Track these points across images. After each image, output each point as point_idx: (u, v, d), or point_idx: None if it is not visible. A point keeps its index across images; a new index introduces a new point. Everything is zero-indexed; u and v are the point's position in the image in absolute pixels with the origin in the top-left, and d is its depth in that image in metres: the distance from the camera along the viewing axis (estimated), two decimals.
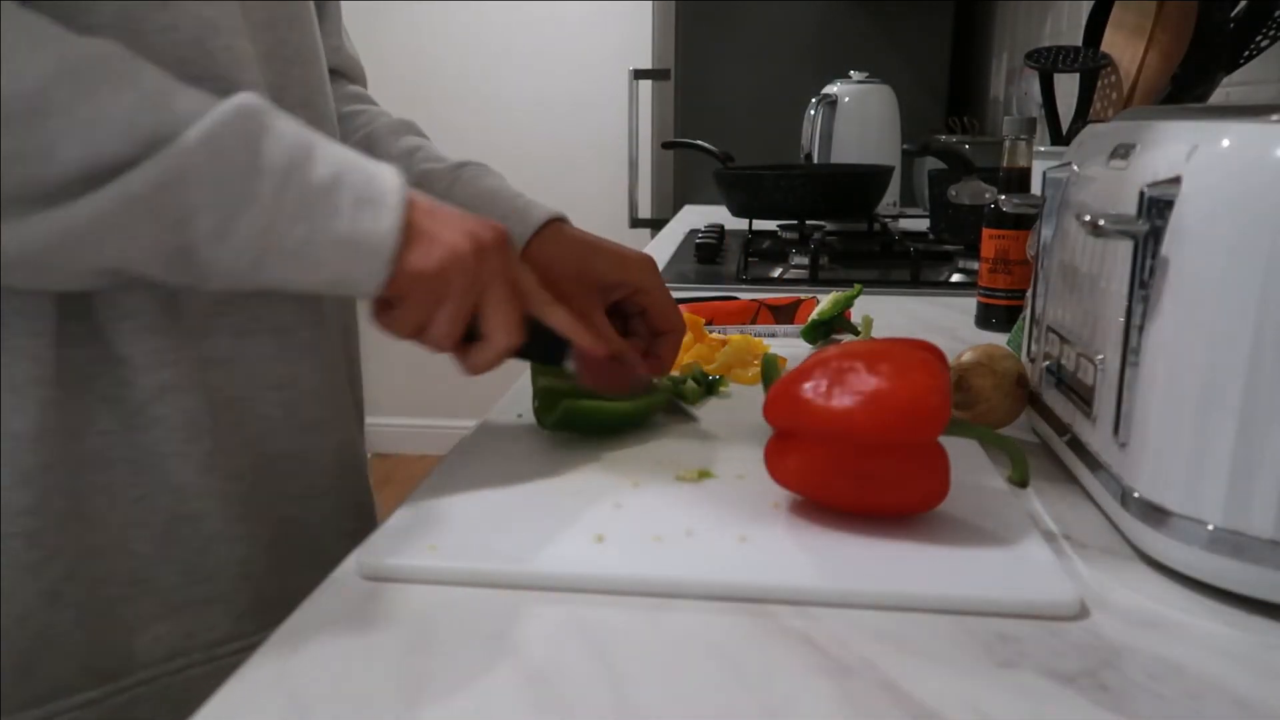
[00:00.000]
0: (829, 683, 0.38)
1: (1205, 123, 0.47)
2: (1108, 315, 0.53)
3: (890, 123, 2.00)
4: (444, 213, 0.54)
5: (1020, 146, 0.98)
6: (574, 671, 0.39)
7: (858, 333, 0.91)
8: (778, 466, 0.53)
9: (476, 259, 0.52)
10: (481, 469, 0.59)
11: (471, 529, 0.51)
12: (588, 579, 0.46)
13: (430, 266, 0.51)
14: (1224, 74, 1.07)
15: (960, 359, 0.66)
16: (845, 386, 0.50)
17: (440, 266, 0.51)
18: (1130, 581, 0.47)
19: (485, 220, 0.55)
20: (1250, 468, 0.43)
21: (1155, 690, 0.38)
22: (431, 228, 0.52)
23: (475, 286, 0.53)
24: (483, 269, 0.53)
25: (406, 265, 0.51)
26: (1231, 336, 0.43)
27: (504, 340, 0.55)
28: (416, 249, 0.51)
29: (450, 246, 0.52)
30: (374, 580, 0.46)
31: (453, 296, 0.53)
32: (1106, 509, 0.53)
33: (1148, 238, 0.47)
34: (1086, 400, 0.56)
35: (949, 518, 0.51)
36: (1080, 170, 0.62)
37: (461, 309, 0.53)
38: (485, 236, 0.53)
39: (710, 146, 1.81)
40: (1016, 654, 0.40)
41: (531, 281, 0.58)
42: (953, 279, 1.29)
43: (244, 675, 0.39)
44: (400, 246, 0.51)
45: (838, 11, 2.28)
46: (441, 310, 0.53)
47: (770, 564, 0.47)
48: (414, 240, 0.51)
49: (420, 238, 0.52)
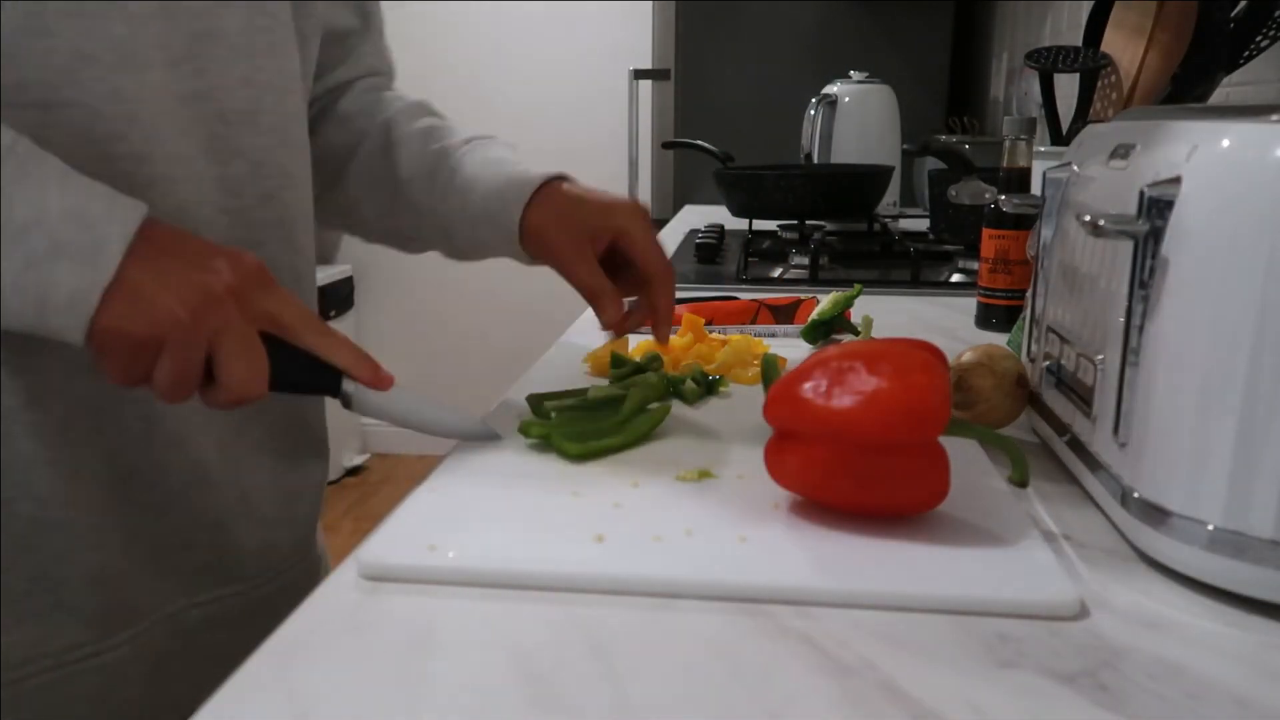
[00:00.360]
0: (829, 683, 0.38)
1: (1205, 123, 0.47)
2: (1108, 315, 0.53)
3: (890, 123, 2.00)
4: (170, 263, 0.50)
5: (1020, 146, 0.98)
6: (574, 671, 0.39)
7: (858, 333, 0.91)
8: (778, 466, 0.53)
9: (195, 313, 0.49)
10: (481, 469, 0.59)
11: (471, 529, 0.51)
12: (588, 579, 0.46)
13: (133, 328, 0.49)
14: (1224, 74, 1.07)
15: (960, 359, 0.66)
16: (845, 386, 0.50)
17: (145, 326, 0.49)
18: (1130, 581, 0.47)
19: (228, 260, 0.52)
20: (1250, 468, 0.43)
21: (1155, 690, 0.38)
22: (143, 284, 0.49)
23: (195, 342, 0.50)
24: (205, 323, 0.50)
25: (104, 323, 0.48)
26: (1231, 336, 0.43)
27: (241, 386, 0.52)
28: (118, 307, 0.48)
29: (160, 305, 0.49)
30: (374, 580, 0.46)
31: (170, 351, 0.50)
32: (1106, 509, 0.53)
33: (1148, 238, 0.47)
34: (1086, 400, 0.56)
35: (949, 518, 0.51)
36: (1080, 170, 0.62)
37: (183, 362, 0.50)
38: (214, 286, 0.50)
39: (710, 146, 1.81)
40: (1016, 654, 0.40)
41: (296, 313, 0.55)
42: (953, 279, 1.29)
43: (244, 675, 0.39)
44: (101, 305, 0.48)
45: (838, 11, 2.28)
46: (159, 367, 0.50)
47: (770, 564, 0.47)
48: (117, 295, 0.48)
49: (127, 294, 0.48)
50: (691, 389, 0.74)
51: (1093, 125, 0.66)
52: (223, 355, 0.51)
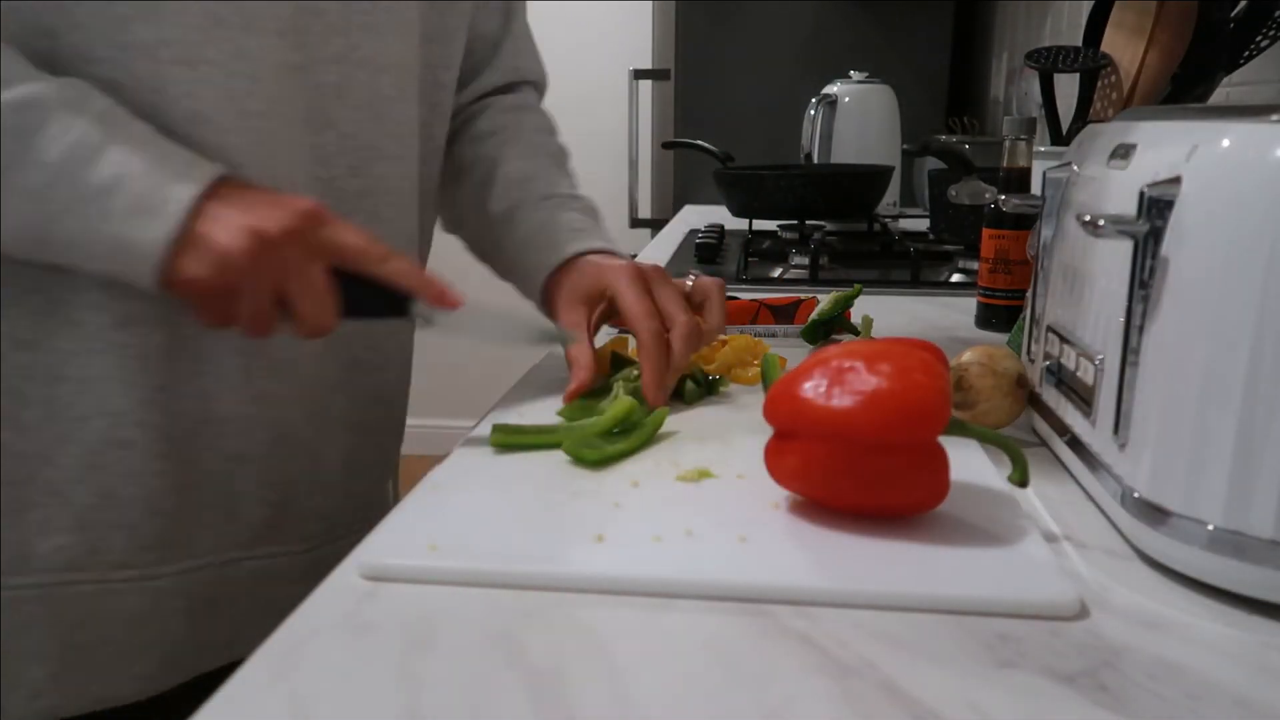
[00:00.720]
0: (829, 683, 0.38)
1: (1205, 123, 0.47)
2: (1108, 315, 0.53)
3: (890, 123, 2.00)
4: (238, 215, 0.55)
5: (1020, 146, 0.98)
6: (574, 671, 0.39)
7: (858, 333, 0.91)
8: (778, 466, 0.53)
9: (254, 258, 0.54)
10: (481, 469, 0.59)
11: (471, 529, 0.51)
12: (588, 579, 0.46)
13: (202, 274, 0.54)
14: (1224, 74, 1.07)
15: (960, 359, 0.66)
16: (845, 386, 0.50)
17: (212, 273, 0.54)
18: (1130, 581, 0.47)
19: (285, 207, 0.56)
20: (1250, 468, 0.43)
21: (1155, 690, 0.38)
22: (211, 233, 0.54)
23: (261, 283, 0.55)
24: (266, 265, 0.55)
25: (179, 273, 0.54)
26: (1231, 336, 0.43)
27: (314, 320, 0.57)
28: (189, 257, 0.54)
29: (224, 252, 0.54)
30: (374, 580, 0.46)
31: (242, 294, 0.55)
32: (1106, 509, 0.53)
33: (1148, 238, 0.47)
34: (1086, 400, 0.56)
35: (949, 518, 0.51)
36: (1080, 170, 0.62)
37: (255, 302, 0.56)
38: (270, 230, 0.55)
39: (710, 146, 1.81)
40: (1016, 654, 0.40)
41: (357, 244, 0.59)
42: (953, 279, 1.29)
43: (244, 675, 0.39)
44: (170, 255, 0.53)
45: (838, 11, 2.28)
46: (236, 306, 0.56)
47: (770, 564, 0.47)
48: (189, 248, 0.54)
49: (195, 246, 0.54)
50: (691, 389, 0.74)
51: (1093, 125, 0.66)
52: (290, 294, 0.56)
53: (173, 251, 0.53)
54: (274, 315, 0.57)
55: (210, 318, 0.57)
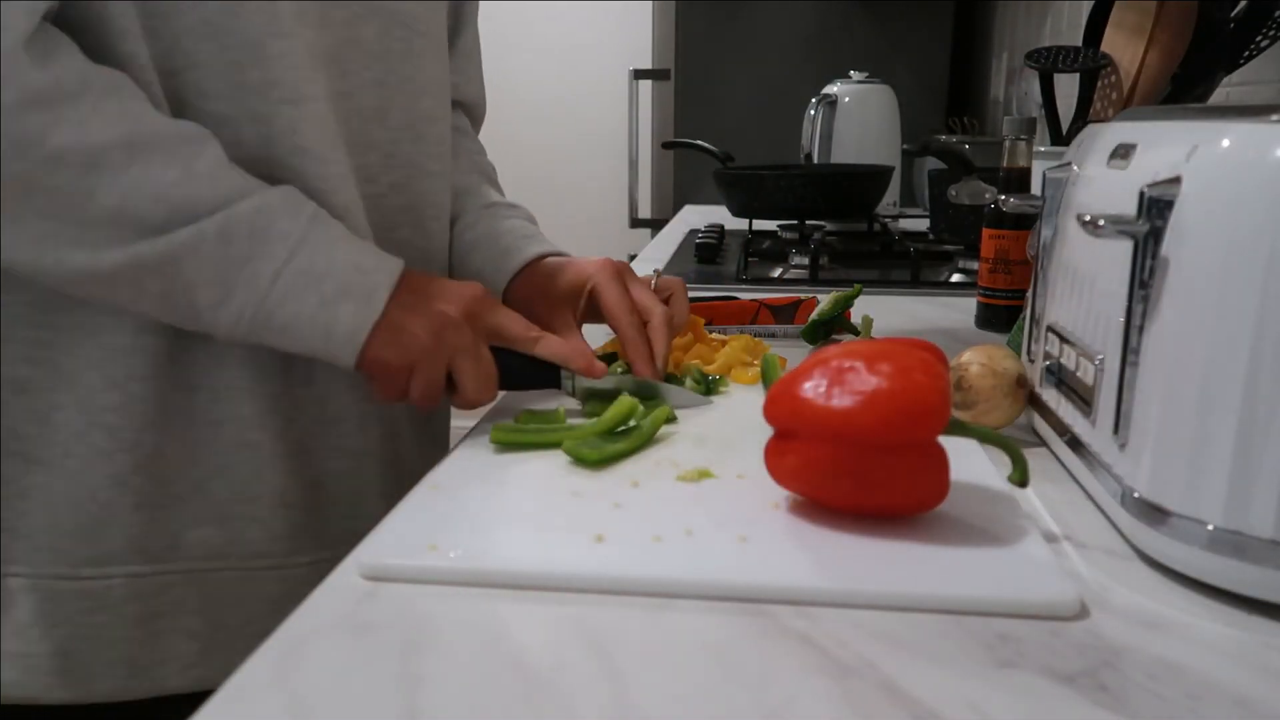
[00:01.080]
0: (829, 683, 0.38)
1: (1205, 123, 0.47)
2: (1108, 315, 0.53)
3: (890, 123, 2.00)
4: (422, 301, 0.63)
5: (1020, 146, 0.98)
6: (574, 671, 0.39)
7: (858, 333, 0.91)
8: (778, 466, 0.53)
9: (437, 339, 0.62)
10: (481, 469, 0.59)
11: (471, 529, 0.51)
12: (588, 579, 0.46)
13: (391, 357, 0.62)
14: (1224, 74, 1.07)
15: (960, 359, 0.66)
16: (845, 386, 0.50)
17: (400, 355, 0.62)
18: (1130, 581, 0.47)
19: (461, 294, 0.65)
20: (1250, 468, 0.43)
21: (1155, 690, 0.38)
22: (401, 319, 0.62)
23: (438, 361, 0.63)
24: (444, 346, 0.63)
25: (371, 353, 0.61)
26: (1231, 336, 0.43)
27: (474, 395, 0.65)
28: (381, 339, 0.61)
29: (411, 336, 0.62)
30: (374, 580, 0.46)
31: (419, 371, 0.63)
32: (1106, 509, 0.53)
33: (1148, 238, 0.47)
34: (1086, 400, 0.56)
35: (949, 518, 0.51)
36: (1080, 170, 0.62)
37: (429, 380, 0.63)
38: (451, 314, 0.63)
39: (710, 146, 1.81)
40: (1016, 654, 0.40)
41: (517, 326, 0.68)
42: (953, 279, 1.29)
43: (244, 675, 0.39)
44: (369, 338, 0.60)
45: (838, 11, 2.28)
46: (413, 383, 0.63)
47: (770, 564, 0.47)
48: (381, 330, 0.61)
49: (388, 329, 0.61)
50: (691, 389, 0.74)
51: (1093, 125, 0.66)
52: (459, 369, 0.64)
53: (368, 336, 0.60)
54: (442, 388, 0.64)
55: (387, 391, 0.64)
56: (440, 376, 0.64)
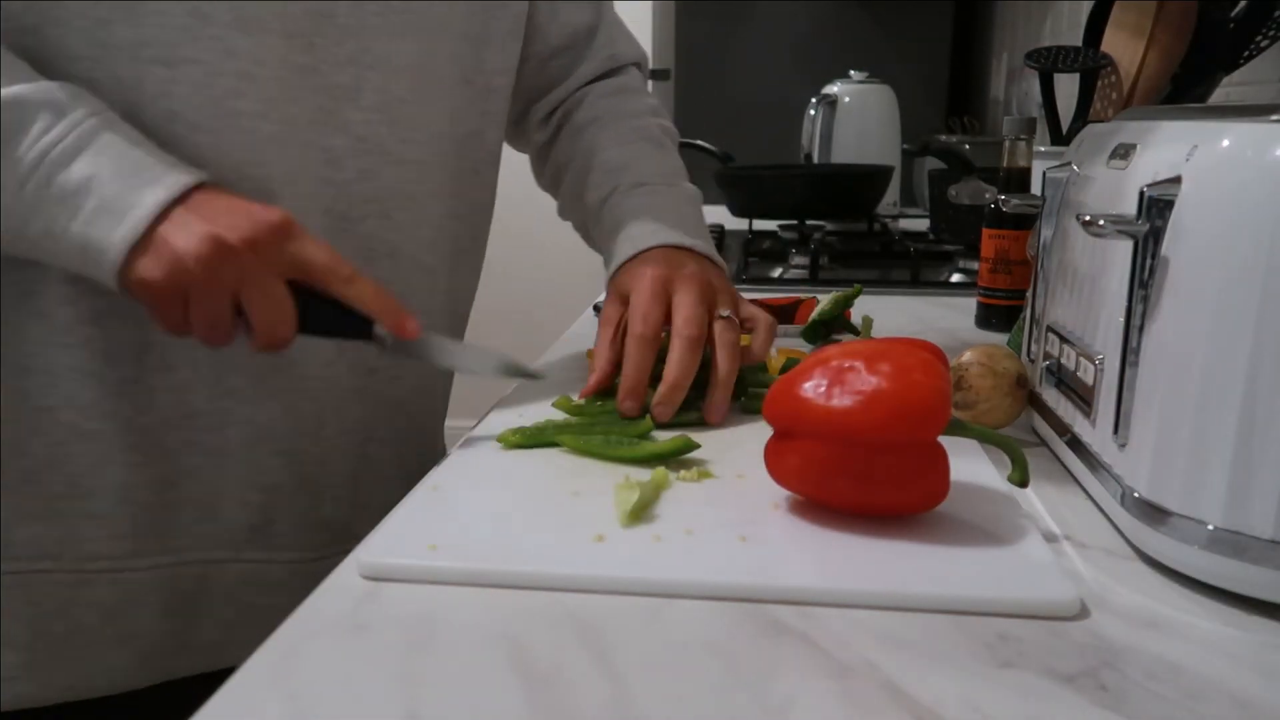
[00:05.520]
0: (829, 683, 0.38)
1: (1205, 123, 0.47)
2: (1108, 315, 0.53)
3: (890, 123, 2.00)
4: (195, 221, 0.55)
5: (1020, 146, 0.98)
6: (574, 671, 0.39)
7: (858, 333, 0.91)
8: (778, 466, 0.53)
9: (207, 266, 0.54)
10: (481, 469, 0.59)
11: (471, 529, 0.51)
12: (588, 579, 0.46)
13: (155, 275, 0.54)
14: (1224, 74, 1.07)
15: (960, 359, 0.66)
16: (845, 386, 0.49)
17: (165, 275, 0.54)
18: (1130, 581, 0.47)
19: (252, 217, 0.56)
20: (1250, 468, 0.43)
21: (1155, 690, 0.38)
22: (169, 237, 0.54)
23: (213, 290, 0.55)
24: (218, 273, 0.55)
25: (134, 274, 0.54)
26: (1231, 336, 0.43)
27: (268, 331, 0.57)
28: (146, 259, 0.54)
29: (178, 256, 0.54)
30: (374, 580, 0.46)
31: (193, 302, 0.55)
32: (1106, 509, 0.53)
33: (1148, 238, 0.47)
34: (1086, 400, 0.56)
35: (949, 518, 0.51)
36: (1080, 170, 0.62)
37: (207, 312, 0.56)
38: (228, 238, 0.55)
39: (710, 146, 1.81)
40: (1016, 654, 0.40)
41: (322, 261, 0.58)
42: (953, 279, 1.29)
43: (244, 675, 0.39)
44: (129, 257, 0.54)
45: (838, 11, 2.28)
46: (191, 314, 0.56)
47: (770, 564, 0.47)
48: (147, 250, 0.54)
49: (154, 248, 0.54)
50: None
51: (1093, 125, 0.66)
52: (245, 303, 0.56)
53: (132, 253, 0.54)
54: (232, 324, 0.57)
55: (165, 322, 0.57)
56: (220, 309, 0.56)
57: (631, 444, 0.61)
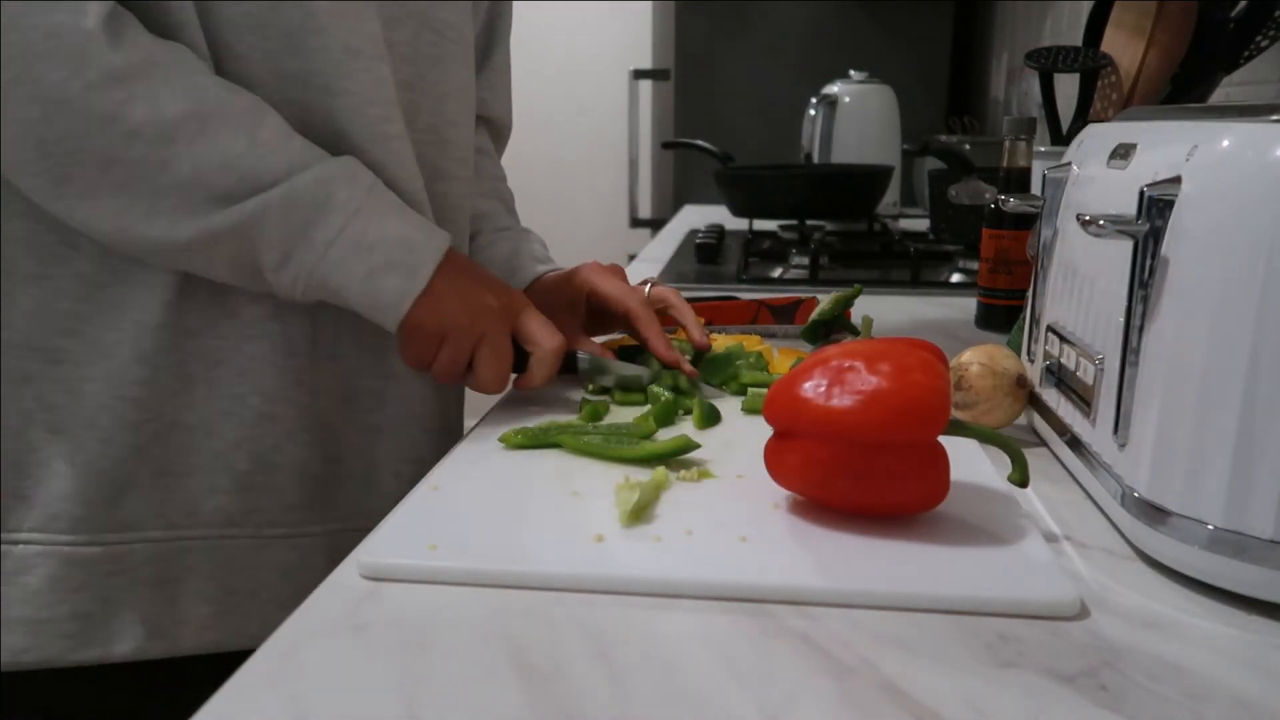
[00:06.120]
0: (829, 683, 0.38)
1: (1205, 123, 0.47)
2: (1108, 315, 0.53)
3: (890, 123, 2.00)
4: (467, 282, 0.67)
5: (1020, 146, 0.98)
6: (574, 671, 0.39)
7: (858, 333, 0.91)
8: (778, 466, 0.53)
9: (471, 318, 0.66)
10: (482, 469, 0.59)
11: (471, 529, 0.51)
12: (588, 579, 0.46)
13: (428, 322, 0.65)
14: (1224, 74, 1.07)
15: (960, 359, 0.66)
16: (845, 386, 0.49)
17: (437, 322, 0.65)
18: (1130, 581, 0.47)
19: (503, 287, 0.69)
20: (1250, 468, 0.43)
21: (1155, 690, 0.38)
22: (444, 292, 0.65)
23: (467, 339, 0.66)
24: (476, 326, 0.66)
25: (413, 320, 0.64)
26: (1231, 336, 0.43)
27: (487, 381, 0.68)
28: (423, 309, 0.64)
29: (450, 308, 0.65)
30: (374, 580, 0.46)
31: (448, 343, 0.66)
32: (1106, 509, 0.53)
33: (1148, 238, 0.47)
34: (1086, 400, 0.56)
35: (949, 518, 0.51)
36: (1080, 170, 0.62)
37: (454, 354, 0.66)
38: (490, 302, 0.67)
39: (710, 146, 1.81)
40: (1016, 654, 0.40)
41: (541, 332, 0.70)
42: (953, 279, 1.29)
43: (244, 675, 0.39)
44: (414, 305, 0.64)
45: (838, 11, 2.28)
46: (440, 355, 0.67)
47: (770, 564, 0.47)
48: (426, 302, 0.64)
49: (431, 301, 0.64)
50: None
51: (1093, 125, 0.66)
52: (481, 354, 0.67)
53: (413, 303, 0.64)
54: (465, 368, 0.67)
55: (416, 355, 0.67)
56: (465, 354, 0.67)
57: (632, 444, 0.61)
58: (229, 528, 0.69)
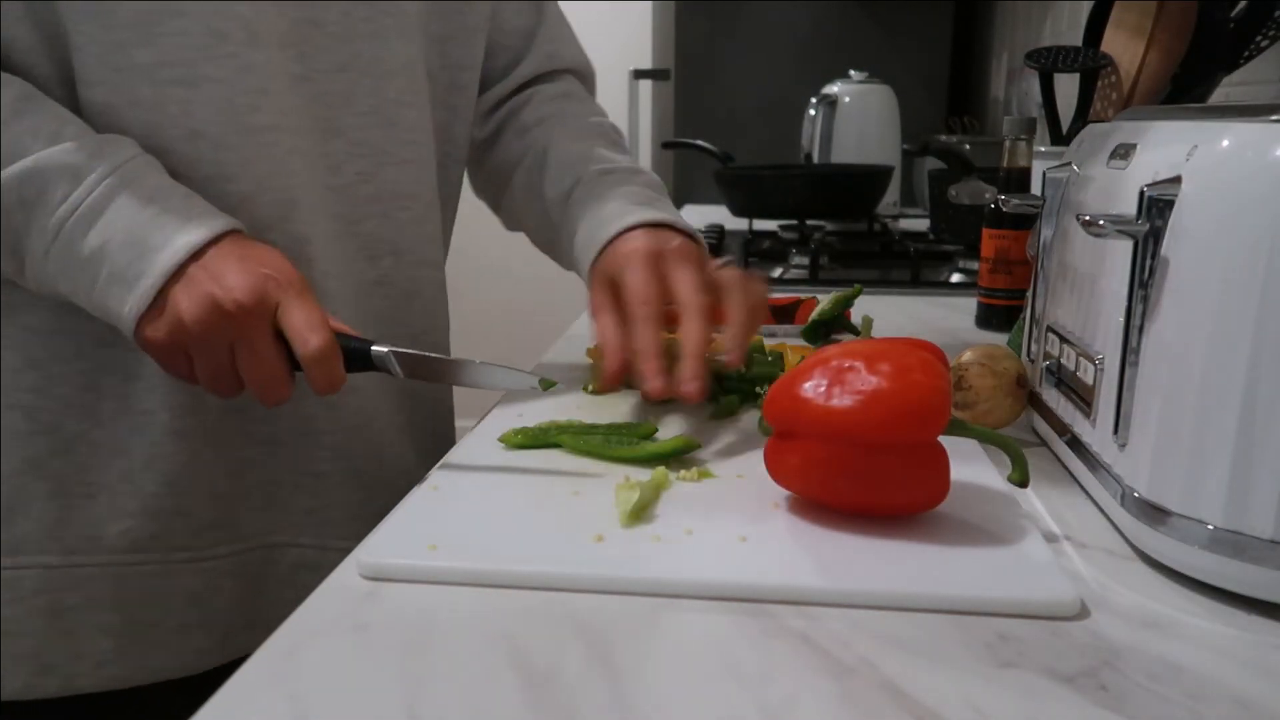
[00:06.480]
0: (829, 683, 0.38)
1: (1205, 123, 0.47)
2: (1108, 315, 0.53)
3: (890, 123, 2.00)
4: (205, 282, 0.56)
5: (1020, 146, 0.98)
6: (574, 671, 0.39)
7: (858, 333, 0.91)
8: (778, 466, 0.53)
9: (203, 326, 0.56)
10: (482, 469, 0.59)
11: (471, 529, 0.51)
12: (588, 579, 0.46)
13: (158, 337, 0.57)
14: (1224, 74, 1.07)
15: (960, 359, 0.66)
16: (845, 386, 0.49)
17: (167, 336, 0.57)
18: (1130, 581, 0.47)
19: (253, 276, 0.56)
20: (1250, 468, 0.43)
21: (1155, 690, 0.38)
22: (174, 300, 0.56)
23: (209, 349, 0.57)
24: (213, 333, 0.56)
25: (142, 333, 0.57)
26: (1231, 336, 0.43)
27: (257, 390, 0.59)
28: (152, 321, 0.56)
29: (179, 318, 0.56)
30: (374, 580, 0.46)
31: (195, 357, 0.58)
32: (1106, 509, 0.53)
33: (1148, 238, 0.47)
34: (1086, 400, 0.56)
35: (949, 518, 0.51)
36: (1080, 170, 0.62)
37: (208, 367, 0.58)
38: (224, 302, 0.56)
39: (710, 146, 1.81)
40: (1016, 654, 0.40)
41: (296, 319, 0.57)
42: (953, 279, 1.29)
43: (244, 675, 0.39)
44: (140, 321, 0.56)
45: (838, 11, 2.28)
46: (195, 365, 0.58)
47: (770, 564, 0.47)
48: (154, 312, 0.56)
49: (160, 310, 0.56)
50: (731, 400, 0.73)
51: (1093, 125, 0.66)
52: (239, 362, 0.58)
53: (143, 316, 0.56)
54: (231, 378, 0.59)
55: (173, 373, 0.59)
56: (221, 364, 0.58)
57: (632, 444, 0.61)
58: (133, 554, 0.63)
